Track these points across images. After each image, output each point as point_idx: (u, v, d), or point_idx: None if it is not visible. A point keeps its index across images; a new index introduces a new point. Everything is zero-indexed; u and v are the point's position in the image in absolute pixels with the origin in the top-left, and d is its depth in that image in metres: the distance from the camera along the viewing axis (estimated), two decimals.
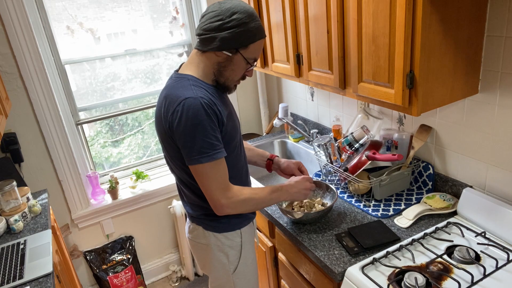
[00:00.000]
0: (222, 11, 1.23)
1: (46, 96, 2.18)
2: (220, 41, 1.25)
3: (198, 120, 1.21)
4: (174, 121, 1.23)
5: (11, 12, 1.99)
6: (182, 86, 1.27)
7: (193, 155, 1.24)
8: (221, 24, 1.23)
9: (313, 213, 1.53)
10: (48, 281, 1.50)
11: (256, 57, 1.33)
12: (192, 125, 1.21)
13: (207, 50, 1.28)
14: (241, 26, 1.23)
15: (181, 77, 1.31)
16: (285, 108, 2.47)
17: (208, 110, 1.23)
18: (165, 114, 1.26)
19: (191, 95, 1.23)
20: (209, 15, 1.25)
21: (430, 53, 1.17)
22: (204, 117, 1.22)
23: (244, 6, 1.25)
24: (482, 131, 1.42)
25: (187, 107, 1.21)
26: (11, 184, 1.87)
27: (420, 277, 1.17)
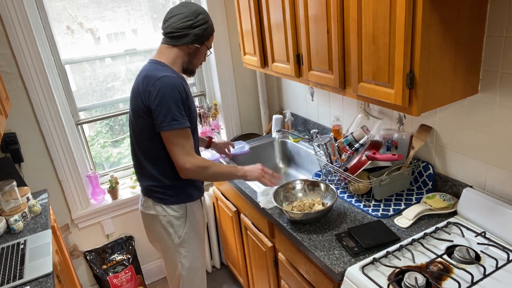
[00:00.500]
0: (190, 12, 1.56)
1: (46, 96, 2.18)
2: (194, 36, 1.58)
3: (173, 93, 1.49)
4: (153, 93, 1.48)
5: (11, 12, 1.99)
6: (159, 69, 1.55)
7: (166, 122, 1.48)
8: (192, 23, 1.56)
9: (313, 213, 1.53)
10: (48, 281, 1.50)
11: (211, 46, 1.70)
12: (168, 97, 1.48)
13: (180, 44, 1.58)
14: (206, 23, 1.59)
15: (157, 62, 1.59)
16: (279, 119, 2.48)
17: (179, 88, 1.51)
18: (143, 89, 1.51)
19: (168, 74, 1.51)
20: (179, 16, 1.56)
21: (430, 53, 1.17)
22: (177, 91, 1.50)
23: (202, 8, 1.60)
24: (482, 131, 1.42)
25: (165, 83, 1.49)
26: (11, 184, 1.87)
27: (420, 277, 1.17)
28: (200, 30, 1.58)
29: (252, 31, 2.06)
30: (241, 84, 2.80)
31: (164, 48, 1.61)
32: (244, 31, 2.17)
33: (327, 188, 1.70)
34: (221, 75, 2.68)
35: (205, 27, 1.59)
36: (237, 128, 2.86)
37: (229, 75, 2.71)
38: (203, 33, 1.59)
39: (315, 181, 1.75)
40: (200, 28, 1.58)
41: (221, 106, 2.75)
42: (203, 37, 1.60)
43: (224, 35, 2.61)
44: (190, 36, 1.57)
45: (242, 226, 2.19)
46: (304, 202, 1.68)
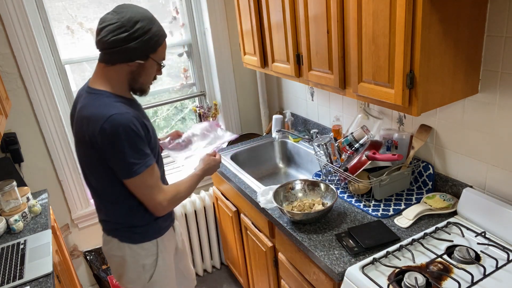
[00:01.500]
0: (123, 22, 1.22)
1: (46, 96, 2.18)
2: (131, 52, 1.25)
3: (128, 135, 1.24)
4: (104, 139, 1.23)
5: (11, 12, 1.99)
6: (103, 104, 1.26)
7: (129, 169, 1.27)
8: (128, 35, 1.22)
9: (313, 213, 1.53)
10: (48, 281, 1.50)
11: (164, 57, 1.38)
12: (123, 140, 1.23)
13: (116, 62, 1.28)
14: (147, 33, 1.25)
15: (98, 93, 1.30)
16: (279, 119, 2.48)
17: (135, 124, 1.26)
18: (90, 133, 1.25)
19: (117, 112, 1.24)
20: (110, 28, 1.22)
21: (430, 53, 1.17)
22: (133, 131, 1.25)
23: (142, 12, 1.26)
24: (482, 131, 1.42)
25: (116, 124, 1.22)
26: (11, 184, 1.87)
27: (420, 277, 1.17)
28: (140, 43, 1.24)
29: (252, 31, 2.06)
30: (241, 84, 2.80)
31: (101, 69, 1.32)
32: (244, 31, 2.17)
33: (327, 188, 1.70)
34: (221, 75, 2.68)
35: (147, 38, 1.25)
36: (237, 128, 2.86)
37: (229, 75, 2.71)
38: (144, 46, 1.26)
39: (315, 181, 1.75)
40: (139, 40, 1.24)
41: (221, 106, 2.76)
42: (146, 50, 1.28)
43: (224, 35, 2.61)
44: (127, 53, 1.25)
45: (242, 226, 2.19)
46: (304, 202, 1.68)
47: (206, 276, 2.82)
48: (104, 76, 1.32)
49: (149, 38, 1.26)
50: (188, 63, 2.73)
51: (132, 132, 1.24)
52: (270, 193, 1.80)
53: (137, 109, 1.38)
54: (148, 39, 1.26)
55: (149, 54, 1.30)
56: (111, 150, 1.25)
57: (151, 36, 1.27)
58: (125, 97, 1.36)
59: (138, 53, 1.27)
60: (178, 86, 2.73)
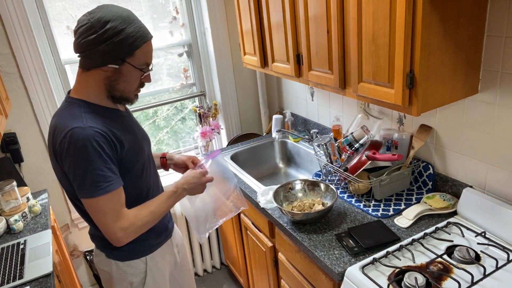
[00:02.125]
0: (93, 22, 1.12)
1: (46, 96, 2.18)
2: (101, 55, 1.14)
3: (87, 152, 1.12)
4: (62, 152, 1.14)
5: (11, 12, 1.99)
6: (71, 114, 1.17)
7: (85, 189, 1.15)
8: (96, 37, 1.12)
9: (313, 213, 1.53)
10: (48, 281, 1.50)
11: (147, 61, 1.23)
12: (81, 157, 1.12)
13: (90, 68, 1.18)
14: (118, 34, 1.13)
15: (72, 102, 1.21)
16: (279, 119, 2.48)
17: (98, 140, 1.14)
18: (54, 144, 1.18)
19: (80, 125, 1.14)
20: (81, 30, 1.14)
21: (430, 53, 1.17)
22: (94, 148, 1.13)
23: (116, 12, 1.15)
24: (482, 131, 1.42)
25: (75, 139, 1.12)
26: (11, 184, 1.87)
27: (420, 277, 1.17)
28: (110, 45, 1.12)
29: (252, 31, 2.06)
30: (241, 84, 2.80)
31: (79, 75, 1.22)
32: (244, 31, 2.17)
33: (327, 188, 1.70)
34: (221, 75, 2.68)
35: (119, 40, 1.12)
36: (237, 128, 2.86)
37: (229, 75, 2.71)
38: (116, 48, 1.13)
39: (315, 181, 1.75)
40: (110, 42, 1.12)
41: (221, 106, 2.76)
42: (120, 53, 1.14)
43: (224, 35, 2.61)
44: (97, 56, 1.14)
45: (242, 226, 2.19)
46: (304, 202, 1.68)
47: (206, 276, 2.82)
48: (82, 82, 1.22)
49: (121, 40, 1.13)
50: (188, 63, 2.73)
51: (92, 149, 1.12)
52: (270, 193, 1.80)
53: (117, 121, 1.26)
54: (119, 41, 1.13)
55: (124, 58, 1.16)
56: (68, 166, 1.15)
57: (124, 38, 1.13)
58: (103, 107, 1.24)
59: (109, 56, 1.14)
60: (178, 86, 2.73)
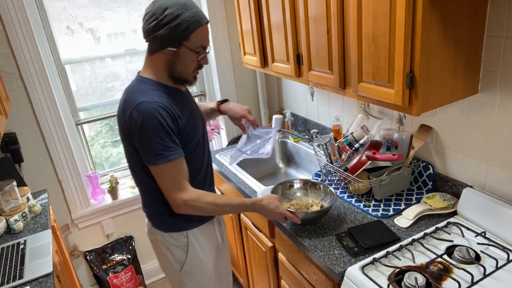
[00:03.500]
0: (155, 10, 1.25)
1: (46, 96, 2.18)
2: (161, 39, 1.27)
3: (153, 123, 1.25)
4: (132, 124, 1.28)
5: (11, 12, 1.99)
6: (140, 90, 1.32)
7: (149, 157, 1.29)
8: (157, 23, 1.25)
9: (313, 213, 1.53)
10: (48, 281, 1.50)
11: (203, 44, 1.33)
12: (147, 128, 1.26)
13: (154, 51, 1.32)
14: (175, 19, 1.24)
15: (141, 80, 1.36)
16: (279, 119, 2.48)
17: (162, 114, 1.27)
18: (123, 116, 1.32)
19: (147, 99, 1.27)
20: (146, 18, 1.28)
21: (430, 53, 1.17)
22: (158, 120, 1.26)
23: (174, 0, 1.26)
24: (482, 131, 1.42)
25: (142, 111, 1.26)
26: (11, 184, 1.87)
27: (420, 277, 1.17)
28: (168, 30, 1.25)
29: (252, 31, 2.06)
30: (241, 84, 2.80)
31: (146, 58, 1.38)
32: (244, 31, 2.17)
33: (327, 190, 1.69)
34: (221, 75, 2.68)
35: (176, 24, 1.24)
36: (237, 128, 2.86)
37: (229, 75, 2.71)
38: (174, 32, 1.26)
39: (316, 182, 1.75)
40: (168, 27, 1.25)
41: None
42: (176, 37, 1.26)
43: (224, 35, 2.61)
44: (158, 40, 1.27)
45: (242, 226, 2.19)
46: (302, 201, 1.67)
47: None
48: (148, 64, 1.37)
49: (178, 25, 1.25)
50: None
51: (156, 121, 1.25)
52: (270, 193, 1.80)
53: (178, 99, 1.38)
54: (176, 25, 1.24)
55: (181, 41, 1.28)
56: (137, 136, 1.29)
57: (179, 22, 1.24)
58: (166, 85, 1.37)
59: (168, 40, 1.27)
60: None
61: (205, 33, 1.32)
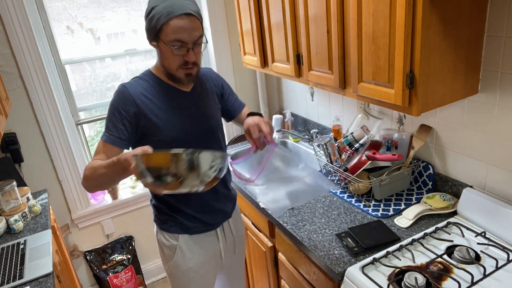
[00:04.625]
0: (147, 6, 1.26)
1: (46, 96, 2.18)
2: (146, 34, 1.27)
3: (111, 101, 1.30)
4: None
5: (11, 12, 1.99)
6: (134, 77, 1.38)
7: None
8: (145, 17, 1.26)
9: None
10: (48, 281, 1.50)
11: (177, 38, 1.20)
12: (109, 104, 1.31)
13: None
14: (150, 12, 1.21)
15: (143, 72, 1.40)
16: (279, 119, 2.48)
17: (121, 98, 1.28)
18: None
19: (124, 83, 1.32)
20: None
21: (430, 53, 1.17)
22: (115, 101, 1.29)
23: None
24: (482, 131, 1.42)
25: (115, 91, 1.33)
26: (11, 184, 1.87)
27: (420, 277, 1.17)
28: (147, 23, 1.24)
29: (252, 31, 2.06)
30: (241, 84, 2.80)
31: None
32: (244, 31, 2.17)
33: None
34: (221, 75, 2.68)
35: (151, 17, 1.21)
36: (237, 128, 2.86)
37: (229, 75, 2.71)
38: (150, 26, 1.23)
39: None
40: (147, 20, 1.23)
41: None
42: (152, 30, 1.22)
43: (224, 35, 2.61)
44: (146, 35, 1.28)
45: None
46: None
47: None
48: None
49: (152, 17, 1.20)
50: None
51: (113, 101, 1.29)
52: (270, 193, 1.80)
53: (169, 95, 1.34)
54: (151, 17, 1.21)
55: (158, 34, 1.22)
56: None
57: (153, 15, 1.20)
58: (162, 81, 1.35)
59: (148, 34, 1.26)
60: None
61: (181, 25, 1.19)
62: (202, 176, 1.05)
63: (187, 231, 1.45)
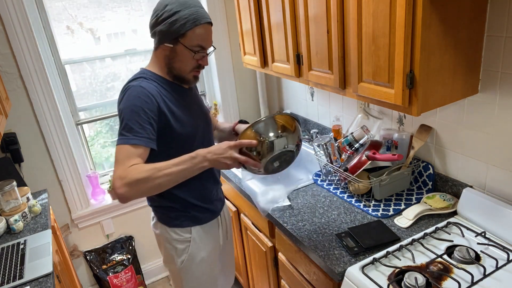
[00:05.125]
0: (157, 6, 1.30)
1: (46, 96, 2.18)
2: (159, 34, 1.30)
3: (130, 103, 1.25)
4: (118, 103, 1.31)
5: (11, 12, 1.99)
6: (133, 78, 1.34)
7: (118, 135, 1.24)
8: (157, 18, 1.29)
9: (272, 151, 1.23)
10: (48, 281, 1.50)
11: (200, 44, 1.31)
12: (124, 107, 1.25)
13: (156, 47, 1.36)
14: (173, 15, 1.26)
15: (140, 72, 1.38)
16: None
17: (142, 97, 1.26)
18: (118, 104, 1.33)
19: (134, 84, 1.29)
20: (152, 15, 1.33)
21: (430, 53, 1.17)
22: (136, 101, 1.25)
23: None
24: (482, 131, 1.42)
25: (128, 92, 1.27)
26: (11, 184, 1.87)
27: (420, 277, 1.17)
28: (166, 25, 1.27)
29: (252, 31, 2.06)
30: (241, 84, 2.80)
31: (152, 54, 1.42)
32: (244, 31, 2.17)
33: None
34: (221, 75, 2.68)
35: (173, 20, 1.26)
36: None
37: (229, 75, 2.71)
38: (170, 28, 1.27)
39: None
40: (165, 22, 1.27)
41: (221, 106, 2.75)
42: (173, 33, 1.27)
43: (224, 35, 2.61)
44: (157, 35, 1.31)
45: (242, 226, 2.19)
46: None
47: None
48: (152, 59, 1.40)
49: (175, 21, 1.26)
50: None
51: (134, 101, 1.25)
52: (270, 193, 1.80)
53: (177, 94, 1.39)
54: (173, 21, 1.26)
55: (177, 38, 1.29)
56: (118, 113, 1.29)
57: (177, 19, 1.26)
58: (167, 80, 1.39)
59: (165, 35, 1.29)
60: None
61: (204, 33, 1.31)
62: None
63: (199, 222, 1.52)
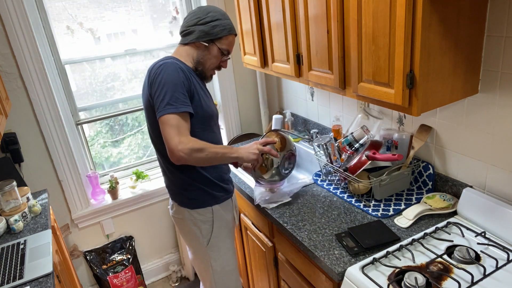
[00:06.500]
0: (200, 11, 1.54)
1: (46, 96, 2.18)
2: (199, 33, 1.52)
3: (172, 77, 1.41)
4: (155, 78, 1.42)
5: (11, 12, 1.99)
6: (163, 58, 1.50)
7: (162, 106, 1.39)
8: (198, 20, 1.52)
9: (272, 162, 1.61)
10: (48, 281, 1.50)
11: (229, 50, 1.60)
12: (166, 80, 1.40)
13: (188, 42, 1.55)
14: (215, 21, 1.52)
15: (169, 56, 1.55)
16: (279, 119, 2.48)
17: (181, 73, 1.43)
18: (149, 79, 1.45)
19: (169, 62, 1.45)
20: (190, 16, 1.55)
21: (430, 53, 1.17)
22: (177, 75, 1.42)
23: (218, 9, 1.56)
24: (482, 131, 1.42)
25: (166, 67, 1.43)
26: (11, 184, 1.87)
27: (420, 277, 1.17)
28: (207, 27, 1.51)
29: (252, 31, 2.06)
30: (241, 84, 2.80)
31: (178, 48, 1.59)
32: (244, 31, 2.17)
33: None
34: (221, 75, 2.68)
35: (214, 24, 1.52)
36: (237, 128, 2.86)
37: (229, 75, 2.71)
38: (210, 30, 1.52)
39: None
40: (208, 24, 1.51)
41: (221, 106, 2.76)
42: (211, 34, 1.52)
43: None
44: (196, 32, 1.52)
45: (242, 226, 2.19)
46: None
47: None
48: (178, 53, 1.57)
49: (216, 25, 1.52)
50: None
51: (175, 75, 1.41)
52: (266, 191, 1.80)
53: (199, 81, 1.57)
54: (214, 25, 1.52)
55: (213, 39, 1.53)
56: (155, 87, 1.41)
57: (218, 24, 1.52)
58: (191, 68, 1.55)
59: (203, 35, 1.52)
60: None
61: (233, 41, 1.60)
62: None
63: (218, 201, 1.65)
